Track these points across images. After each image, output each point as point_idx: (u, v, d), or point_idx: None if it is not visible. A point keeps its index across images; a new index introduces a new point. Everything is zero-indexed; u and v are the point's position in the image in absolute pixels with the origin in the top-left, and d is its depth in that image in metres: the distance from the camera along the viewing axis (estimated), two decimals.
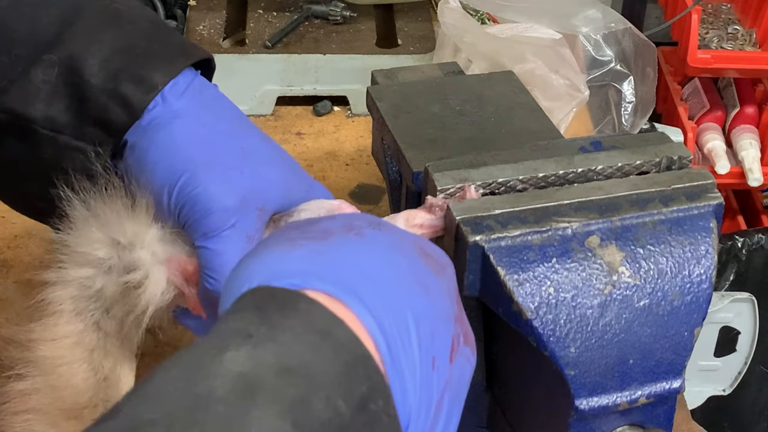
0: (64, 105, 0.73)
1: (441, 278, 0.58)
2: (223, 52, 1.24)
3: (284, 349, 0.48)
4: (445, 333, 0.56)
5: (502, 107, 0.90)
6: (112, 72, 0.73)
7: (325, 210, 0.74)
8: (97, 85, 0.73)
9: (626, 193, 0.71)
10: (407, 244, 0.58)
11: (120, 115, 0.73)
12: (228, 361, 0.47)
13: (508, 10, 1.26)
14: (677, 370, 0.69)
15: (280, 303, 0.51)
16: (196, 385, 0.46)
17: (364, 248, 0.56)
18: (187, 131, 0.73)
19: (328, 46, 1.25)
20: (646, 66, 1.32)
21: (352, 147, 1.20)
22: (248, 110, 1.24)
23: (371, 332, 0.52)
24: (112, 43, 0.74)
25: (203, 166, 0.72)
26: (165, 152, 0.72)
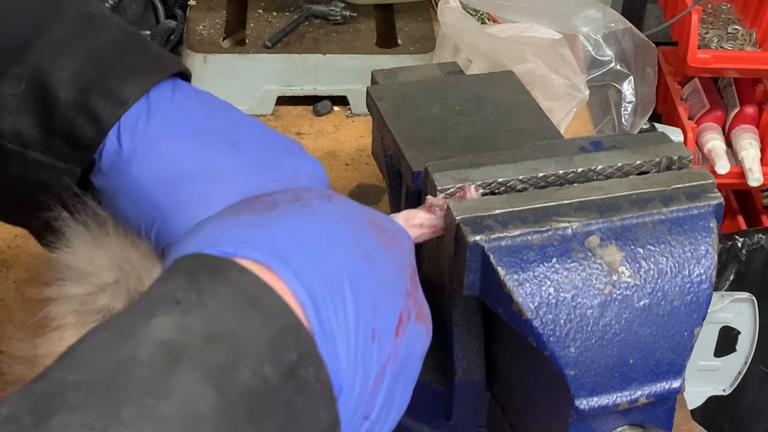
0: (32, 119, 0.71)
1: (392, 250, 0.58)
2: (223, 52, 1.24)
3: (212, 316, 0.49)
4: (391, 306, 0.56)
5: (502, 107, 0.90)
6: (81, 85, 0.71)
7: None
8: (65, 99, 0.70)
9: (626, 193, 0.71)
10: (357, 215, 0.58)
11: (88, 130, 0.70)
12: (155, 326, 0.48)
13: (508, 10, 1.26)
14: (677, 370, 0.69)
15: (211, 270, 0.51)
16: (121, 349, 0.47)
17: (306, 218, 0.56)
18: (147, 173, 0.70)
19: (328, 46, 1.25)
20: (646, 66, 1.32)
21: (352, 147, 1.20)
22: (248, 110, 1.24)
23: (299, 298, 0.52)
24: (83, 55, 0.72)
25: (169, 212, 0.70)
26: (129, 198, 0.70)
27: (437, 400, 0.82)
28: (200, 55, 1.23)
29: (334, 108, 1.26)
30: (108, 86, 0.71)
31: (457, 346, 0.79)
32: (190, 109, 0.73)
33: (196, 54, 1.23)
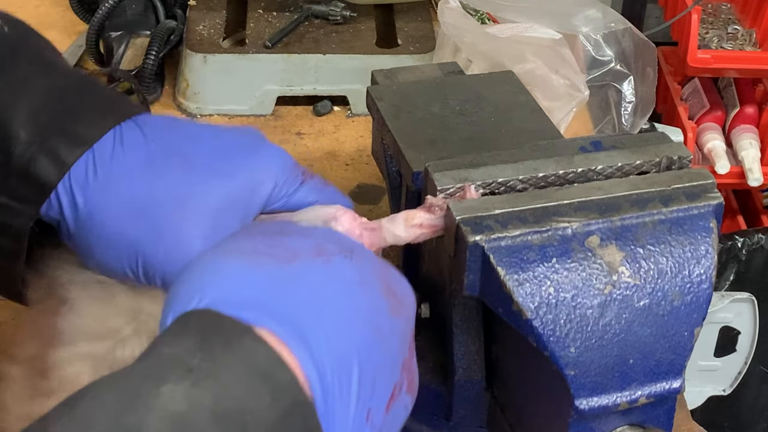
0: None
1: (398, 319, 0.58)
2: (223, 52, 1.24)
3: (223, 390, 0.48)
4: (388, 382, 0.56)
5: (502, 107, 0.90)
6: (41, 125, 0.70)
7: (321, 221, 0.73)
8: (24, 137, 0.69)
9: (626, 193, 0.71)
10: (374, 278, 0.58)
11: (47, 168, 0.69)
12: (164, 396, 0.46)
13: (508, 10, 1.26)
14: (677, 370, 0.69)
15: (226, 336, 0.50)
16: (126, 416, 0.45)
17: (327, 281, 0.56)
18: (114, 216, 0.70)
19: (328, 46, 1.25)
20: (646, 66, 1.32)
21: (352, 147, 1.20)
22: (248, 110, 1.24)
23: (309, 377, 0.51)
24: (42, 96, 0.71)
25: (148, 245, 0.69)
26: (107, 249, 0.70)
27: (437, 400, 0.82)
28: (200, 55, 1.23)
29: (334, 108, 1.26)
30: (67, 126, 0.70)
31: (457, 346, 0.79)
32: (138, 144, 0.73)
33: (196, 54, 1.23)
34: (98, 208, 0.70)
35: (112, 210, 0.70)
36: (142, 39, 1.24)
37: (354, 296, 0.56)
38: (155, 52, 1.21)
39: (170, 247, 0.69)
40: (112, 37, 1.25)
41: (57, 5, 1.42)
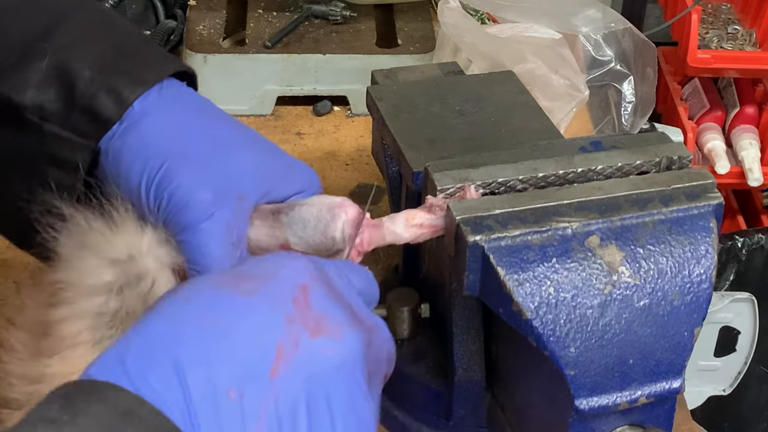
0: (54, 94, 0.73)
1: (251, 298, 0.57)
2: (223, 52, 1.24)
3: (83, 430, 0.49)
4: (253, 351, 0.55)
5: (502, 107, 0.90)
6: (103, 64, 0.74)
7: (326, 207, 0.73)
8: (88, 76, 0.73)
9: (626, 193, 0.71)
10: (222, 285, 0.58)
11: (109, 105, 0.73)
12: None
13: (508, 10, 1.26)
14: (677, 370, 0.69)
15: (87, 392, 0.51)
16: None
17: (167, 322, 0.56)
18: (158, 127, 0.74)
19: (328, 46, 1.25)
20: (646, 66, 1.32)
21: (352, 147, 1.20)
22: (248, 110, 1.24)
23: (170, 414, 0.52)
24: (105, 40, 0.75)
25: (176, 160, 0.72)
26: (138, 151, 0.73)
27: (437, 400, 0.82)
28: (200, 55, 1.23)
29: (334, 108, 1.26)
30: (129, 68, 0.74)
31: (457, 346, 0.79)
32: (198, 97, 0.79)
33: (196, 54, 1.23)
34: (149, 116, 0.74)
35: (158, 124, 0.74)
36: None
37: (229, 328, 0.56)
38: None
39: (193, 171, 0.72)
40: None
41: None
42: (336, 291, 0.60)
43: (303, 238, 0.73)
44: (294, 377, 0.55)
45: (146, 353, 0.53)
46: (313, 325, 0.56)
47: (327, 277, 0.60)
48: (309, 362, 0.56)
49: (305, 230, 0.73)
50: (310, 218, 0.73)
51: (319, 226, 0.73)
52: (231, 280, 0.58)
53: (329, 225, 0.72)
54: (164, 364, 0.53)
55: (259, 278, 0.58)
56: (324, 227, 0.72)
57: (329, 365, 0.56)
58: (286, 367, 0.55)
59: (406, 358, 0.83)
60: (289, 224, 0.74)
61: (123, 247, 0.69)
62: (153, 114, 0.74)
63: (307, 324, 0.56)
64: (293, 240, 0.74)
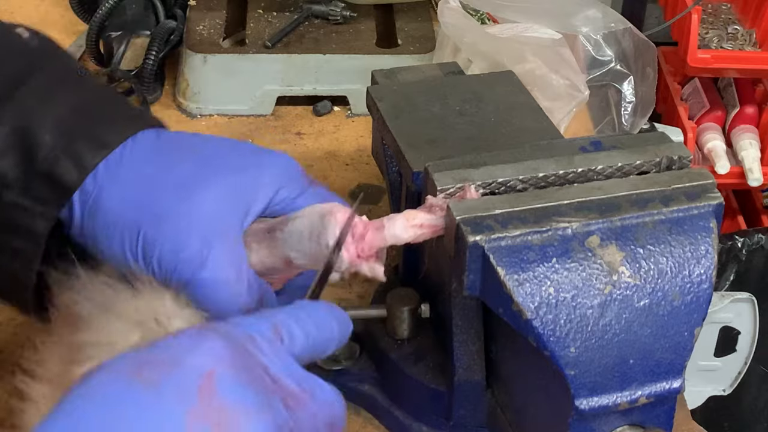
0: (13, 160, 0.71)
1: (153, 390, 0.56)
2: (223, 52, 1.24)
3: None
4: None
5: (502, 107, 0.90)
6: (65, 129, 0.72)
7: (317, 215, 0.73)
8: (49, 142, 0.72)
9: (626, 193, 0.71)
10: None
11: (70, 171, 0.72)
12: None
13: (508, 10, 1.26)
14: (677, 370, 0.69)
15: None
16: None
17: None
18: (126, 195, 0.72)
19: (328, 46, 1.25)
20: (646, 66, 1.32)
21: (352, 147, 1.20)
22: (248, 110, 1.24)
23: None
24: (66, 103, 0.74)
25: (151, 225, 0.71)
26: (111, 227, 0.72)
27: (437, 400, 0.82)
28: (200, 55, 1.23)
29: (334, 108, 1.26)
30: (91, 132, 0.73)
31: (457, 346, 0.79)
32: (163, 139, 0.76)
33: (196, 54, 1.23)
34: (106, 193, 0.72)
35: (119, 194, 0.72)
36: (142, 39, 1.24)
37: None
38: (155, 52, 1.21)
39: (169, 230, 0.71)
40: (112, 37, 1.25)
41: (57, 5, 1.42)
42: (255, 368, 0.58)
43: (301, 250, 0.73)
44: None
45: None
46: (217, 418, 0.55)
47: (244, 354, 0.59)
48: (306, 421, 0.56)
49: (302, 243, 0.73)
50: (304, 230, 0.73)
51: (314, 236, 0.72)
52: (134, 368, 0.56)
53: (322, 234, 0.72)
54: None
55: (163, 366, 0.56)
56: (317, 236, 0.72)
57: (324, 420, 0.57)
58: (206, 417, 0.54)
59: (406, 358, 0.83)
60: (285, 240, 0.74)
61: (148, 310, 0.69)
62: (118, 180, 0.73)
63: (210, 417, 0.55)
64: (293, 255, 0.74)
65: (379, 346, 0.85)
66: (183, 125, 1.22)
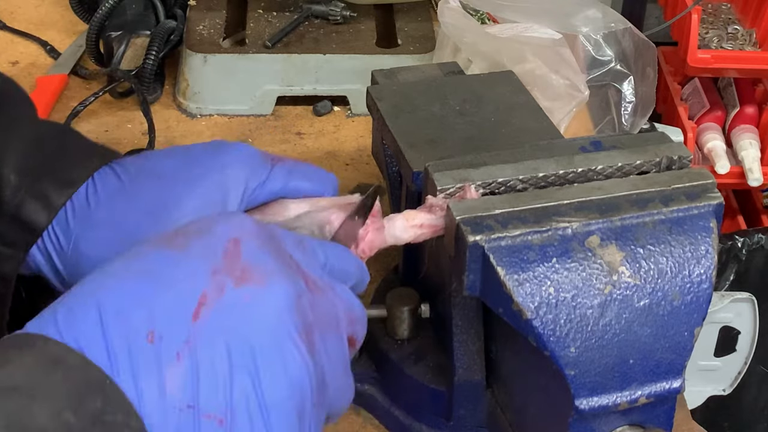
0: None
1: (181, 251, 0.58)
2: (223, 52, 1.24)
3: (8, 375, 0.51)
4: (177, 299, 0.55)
5: (502, 107, 0.90)
6: (30, 169, 0.72)
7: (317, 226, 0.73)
8: (14, 181, 0.72)
9: (626, 193, 0.71)
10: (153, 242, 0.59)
11: (37, 211, 0.72)
12: None
13: (508, 10, 1.26)
14: (677, 370, 0.69)
15: (20, 343, 0.53)
16: None
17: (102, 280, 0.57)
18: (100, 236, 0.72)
19: (328, 46, 1.25)
20: (646, 66, 1.32)
21: (352, 147, 1.20)
22: (248, 110, 1.24)
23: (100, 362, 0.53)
24: (29, 141, 0.74)
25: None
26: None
27: (437, 400, 0.82)
28: (200, 55, 1.23)
29: (334, 108, 1.26)
30: (55, 169, 0.73)
31: (457, 346, 0.79)
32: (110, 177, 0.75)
33: (196, 54, 1.23)
34: (84, 242, 0.72)
35: (93, 239, 0.72)
36: (142, 39, 1.24)
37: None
38: (155, 52, 1.21)
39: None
40: (112, 37, 1.25)
41: (57, 5, 1.42)
42: (280, 248, 0.60)
43: None
44: (216, 323, 0.55)
45: (75, 305, 0.55)
46: (239, 273, 0.57)
47: (271, 237, 0.60)
48: (232, 308, 0.56)
49: None
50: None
51: None
52: (167, 237, 0.59)
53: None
54: (90, 313, 0.54)
55: (193, 233, 0.59)
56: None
57: (253, 313, 0.57)
58: (209, 313, 0.55)
59: (406, 358, 0.83)
60: None
61: None
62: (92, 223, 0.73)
63: (233, 273, 0.57)
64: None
65: (379, 346, 0.85)
66: (183, 125, 1.22)
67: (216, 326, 0.55)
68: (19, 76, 1.30)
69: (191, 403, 0.54)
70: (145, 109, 1.19)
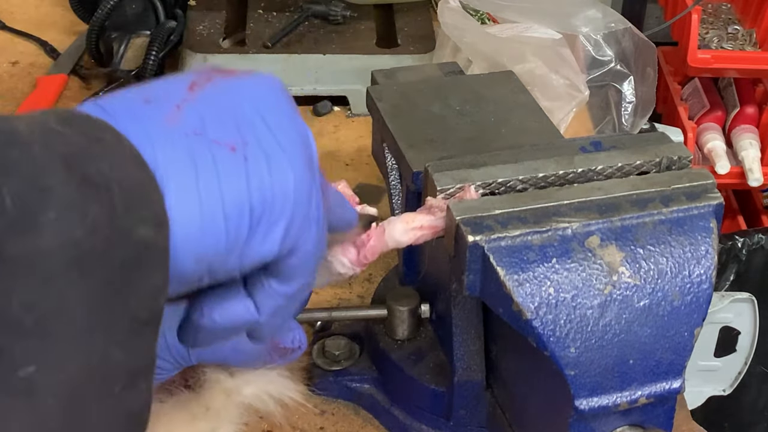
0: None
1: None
2: (223, 52, 1.24)
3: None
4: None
5: (502, 107, 0.90)
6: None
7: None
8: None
9: (626, 193, 0.71)
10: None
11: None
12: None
13: (508, 10, 1.26)
14: (677, 370, 0.69)
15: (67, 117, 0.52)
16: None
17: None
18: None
19: (328, 46, 1.25)
20: (646, 66, 1.32)
21: (352, 147, 1.20)
22: None
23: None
24: None
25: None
26: None
27: (437, 400, 0.82)
28: (200, 55, 1.23)
29: (334, 108, 1.26)
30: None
31: (457, 346, 0.79)
32: None
33: (196, 54, 1.23)
34: None
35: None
36: (142, 39, 1.24)
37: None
38: (155, 52, 1.21)
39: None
40: (112, 37, 1.25)
41: (57, 5, 1.42)
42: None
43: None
44: (213, 90, 0.56)
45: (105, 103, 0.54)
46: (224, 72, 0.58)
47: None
48: (226, 84, 0.57)
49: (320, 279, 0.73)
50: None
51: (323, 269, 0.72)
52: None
53: (330, 266, 0.72)
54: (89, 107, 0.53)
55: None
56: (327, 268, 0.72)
57: (248, 86, 0.58)
58: (203, 86, 0.56)
59: (406, 358, 0.83)
60: None
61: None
62: None
63: (217, 72, 0.57)
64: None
65: (379, 346, 0.85)
66: None
67: (213, 93, 0.56)
68: (19, 76, 1.30)
69: (198, 131, 0.53)
70: None
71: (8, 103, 1.24)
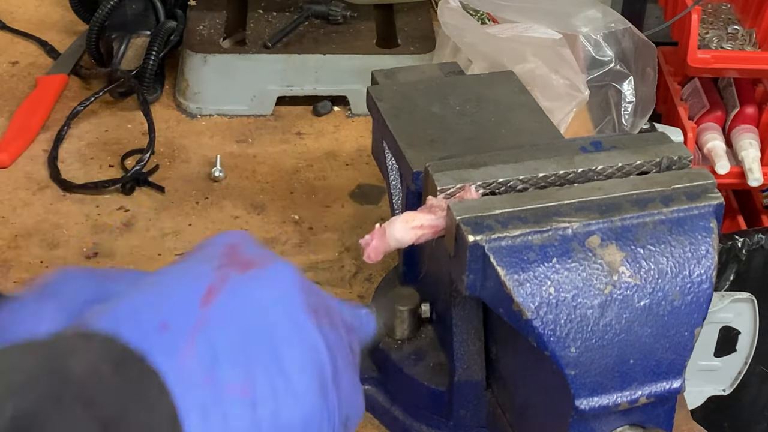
0: None
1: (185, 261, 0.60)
2: (223, 52, 1.24)
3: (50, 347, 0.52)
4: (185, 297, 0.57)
5: (502, 107, 0.90)
6: None
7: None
8: None
9: (626, 193, 0.71)
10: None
11: None
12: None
13: (508, 10, 1.26)
14: (677, 370, 0.69)
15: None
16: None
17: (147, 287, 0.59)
18: None
19: (328, 46, 1.25)
20: (646, 66, 1.31)
21: (352, 147, 1.20)
22: (248, 110, 1.24)
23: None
24: None
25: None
26: None
27: (437, 400, 0.82)
28: (200, 55, 1.23)
29: (334, 108, 1.26)
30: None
31: (457, 346, 0.79)
32: None
33: (196, 54, 1.23)
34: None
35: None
36: (142, 39, 1.24)
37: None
38: (155, 52, 1.21)
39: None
40: (112, 37, 1.25)
41: (57, 5, 1.42)
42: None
43: None
44: (226, 305, 0.56)
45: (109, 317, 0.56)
46: (242, 265, 0.58)
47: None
48: (239, 291, 0.57)
49: None
50: None
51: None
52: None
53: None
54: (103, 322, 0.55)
55: (196, 248, 0.61)
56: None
57: (261, 291, 0.58)
58: (217, 298, 0.56)
59: (406, 358, 0.83)
60: None
61: None
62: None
63: (235, 265, 0.58)
64: None
65: (379, 346, 0.85)
66: (183, 125, 1.22)
67: (226, 307, 0.56)
68: (19, 76, 1.30)
69: (209, 369, 0.54)
70: (145, 110, 1.19)
71: (8, 103, 1.24)
